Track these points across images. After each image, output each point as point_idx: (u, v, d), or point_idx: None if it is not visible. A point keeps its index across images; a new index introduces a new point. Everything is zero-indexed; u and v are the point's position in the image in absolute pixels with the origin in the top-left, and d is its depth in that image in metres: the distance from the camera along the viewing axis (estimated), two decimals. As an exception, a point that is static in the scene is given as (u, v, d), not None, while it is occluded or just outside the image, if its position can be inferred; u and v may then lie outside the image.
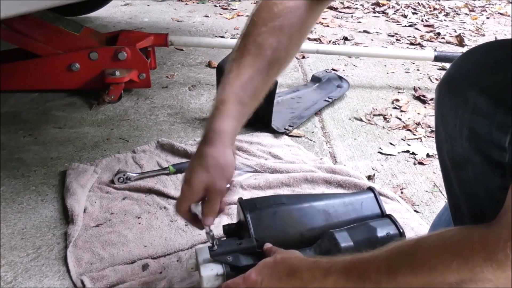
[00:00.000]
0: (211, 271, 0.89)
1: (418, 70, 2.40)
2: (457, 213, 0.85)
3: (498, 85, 0.69)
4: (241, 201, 0.99)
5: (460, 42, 2.84)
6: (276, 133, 1.69)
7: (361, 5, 3.69)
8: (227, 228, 0.99)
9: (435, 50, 2.67)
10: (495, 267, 0.55)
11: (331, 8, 3.56)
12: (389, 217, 0.98)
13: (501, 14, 3.62)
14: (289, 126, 1.73)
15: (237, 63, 0.82)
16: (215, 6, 3.53)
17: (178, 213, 0.86)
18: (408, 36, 2.94)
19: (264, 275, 0.81)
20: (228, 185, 0.84)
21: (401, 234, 0.93)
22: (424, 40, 2.89)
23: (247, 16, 3.25)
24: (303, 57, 2.48)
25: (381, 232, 0.93)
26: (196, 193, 0.81)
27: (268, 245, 0.90)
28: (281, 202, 0.99)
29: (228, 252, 0.90)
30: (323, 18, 3.26)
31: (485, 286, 0.57)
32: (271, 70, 0.84)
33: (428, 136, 1.73)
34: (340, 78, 2.10)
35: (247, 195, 1.34)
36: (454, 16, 3.50)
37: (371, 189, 1.05)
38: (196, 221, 0.86)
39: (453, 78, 0.78)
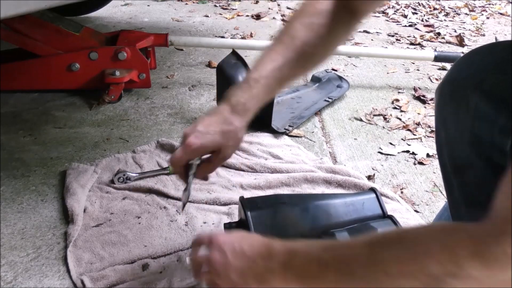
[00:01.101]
0: None
1: (418, 70, 2.40)
2: (457, 216, 0.84)
3: (501, 87, 0.68)
4: (242, 200, 0.99)
5: (460, 42, 2.84)
6: (276, 133, 1.69)
7: (361, 5, 3.68)
8: (228, 227, 0.99)
9: (435, 50, 2.67)
10: (482, 264, 0.52)
11: (331, 8, 3.57)
12: (391, 218, 0.98)
13: (501, 14, 3.62)
14: (289, 126, 1.73)
15: (271, 50, 0.88)
16: (215, 6, 3.53)
17: (174, 162, 0.86)
18: (408, 36, 2.94)
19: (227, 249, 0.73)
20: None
21: None
22: (424, 40, 2.89)
23: (247, 16, 3.26)
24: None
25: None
26: (205, 150, 0.84)
27: None
28: (282, 201, 1.00)
29: None
30: (323, 18, 3.26)
31: (467, 283, 0.54)
32: (298, 62, 0.88)
33: (428, 136, 1.73)
34: (340, 78, 2.10)
35: (247, 194, 1.34)
36: (454, 16, 3.50)
37: (373, 189, 1.05)
38: (184, 175, 0.88)
39: (454, 80, 0.77)
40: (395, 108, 1.96)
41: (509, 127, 0.65)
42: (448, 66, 2.34)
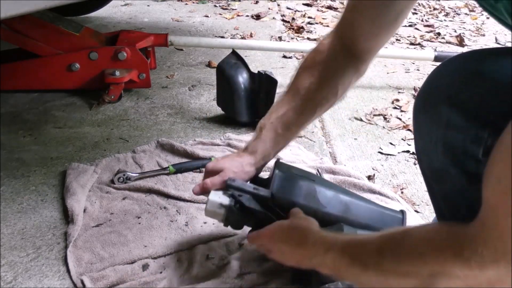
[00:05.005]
0: (218, 198, 0.94)
1: (418, 70, 2.40)
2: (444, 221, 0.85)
3: (470, 100, 0.70)
4: (277, 161, 1.03)
5: (460, 42, 2.84)
6: (276, 133, 1.69)
7: (361, 5, 3.68)
8: (256, 178, 1.04)
9: (435, 50, 2.67)
10: (462, 264, 0.57)
11: (330, 8, 3.56)
12: None
13: (501, 14, 3.62)
14: (289, 126, 1.72)
15: (278, 103, 1.03)
16: (215, 6, 3.53)
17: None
18: (408, 36, 2.94)
19: (277, 237, 0.86)
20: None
21: None
22: (424, 40, 2.89)
23: (247, 16, 3.26)
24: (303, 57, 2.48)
25: None
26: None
27: (295, 210, 0.92)
28: (312, 178, 1.03)
29: (242, 190, 0.94)
30: (323, 18, 3.26)
31: (455, 282, 0.59)
32: (304, 107, 0.99)
33: (428, 136, 1.73)
34: (340, 78, 2.09)
35: (247, 195, 1.34)
36: (454, 16, 3.50)
37: (402, 212, 1.05)
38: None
39: (426, 94, 0.79)
40: (395, 108, 1.96)
41: (480, 137, 0.66)
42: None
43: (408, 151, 1.63)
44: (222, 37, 2.78)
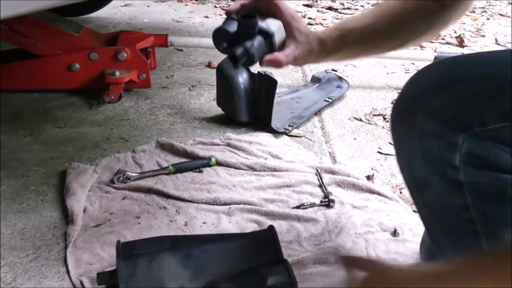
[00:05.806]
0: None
1: (417, 70, 2.40)
2: (432, 233, 0.84)
3: (442, 106, 0.70)
4: (117, 245, 0.93)
5: (460, 43, 2.84)
6: (276, 133, 1.69)
7: (361, 6, 3.69)
8: (100, 277, 0.92)
9: (435, 50, 2.67)
10: None
11: (331, 9, 3.57)
12: (284, 262, 0.93)
13: (501, 15, 3.62)
14: (289, 126, 1.73)
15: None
16: (215, 6, 3.53)
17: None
18: (408, 37, 2.94)
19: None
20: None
21: (293, 283, 0.89)
22: (424, 41, 2.89)
23: (247, 16, 3.26)
24: None
25: (271, 281, 0.89)
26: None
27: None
28: (165, 246, 0.93)
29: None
30: (323, 19, 3.26)
31: None
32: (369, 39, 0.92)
33: (427, 136, 1.73)
34: (340, 78, 2.10)
35: (248, 194, 1.34)
36: (454, 17, 3.50)
37: (270, 229, 1.00)
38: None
39: (401, 103, 0.80)
40: (395, 108, 1.96)
41: (455, 142, 0.67)
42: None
43: (407, 151, 1.63)
44: (222, 37, 2.77)
